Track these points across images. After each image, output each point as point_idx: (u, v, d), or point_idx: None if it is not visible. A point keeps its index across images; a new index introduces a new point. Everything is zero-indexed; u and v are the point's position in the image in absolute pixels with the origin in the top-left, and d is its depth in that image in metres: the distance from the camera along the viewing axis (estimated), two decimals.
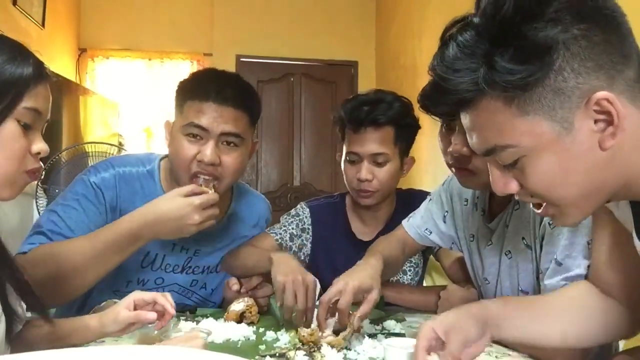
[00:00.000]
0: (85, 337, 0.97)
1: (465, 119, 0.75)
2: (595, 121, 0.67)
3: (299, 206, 1.63)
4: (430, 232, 1.37)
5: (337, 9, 5.12)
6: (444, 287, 1.39)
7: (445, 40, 0.72)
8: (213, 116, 1.24)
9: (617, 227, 0.85)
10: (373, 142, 1.48)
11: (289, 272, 1.17)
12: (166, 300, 0.96)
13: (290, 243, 1.57)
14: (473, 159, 1.08)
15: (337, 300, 1.08)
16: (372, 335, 1.12)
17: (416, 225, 1.40)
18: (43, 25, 3.93)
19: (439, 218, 1.36)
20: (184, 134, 1.25)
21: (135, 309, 0.95)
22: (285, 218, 1.60)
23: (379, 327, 1.20)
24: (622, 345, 1.19)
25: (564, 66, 0.66)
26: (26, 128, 0.83)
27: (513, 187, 0.75)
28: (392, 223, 1.60)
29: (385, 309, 1.38)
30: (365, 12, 5.20)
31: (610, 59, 0.66)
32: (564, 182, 0.70)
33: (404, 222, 1.43)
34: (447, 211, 1.35)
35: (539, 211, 0.77)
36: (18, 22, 3.60)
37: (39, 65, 0.85)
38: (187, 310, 1.33)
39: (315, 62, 5.11)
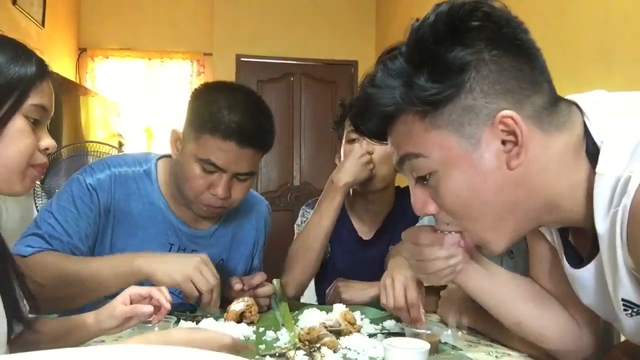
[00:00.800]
0: (83, 334, 0.97)
1: (389, 139, 0.81)
2: (503, 142, 0.72)
3: (302, 211, 1.64)
4: None
5: (337, 9, 5.12)
6: (444, 287, 1.38)
7: (377, 64, 0.80)
8: (232, 157, 1.20)
9: (548, 246, 0.90)
10: None
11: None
12: (161, 294, 0.97)
13: None
14: None
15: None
16: (372, 335, 1.12)
17: None
18: (43, 25, 3.93)
19: None
20: (198, 164, 1.22)
21: (131, 303, 0.95)
22: (299, 224, 1.61)
23: (379, 327, 1.20)
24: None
25: (474, 87, 0.71)
26: (35, 124, 0.86)
27: (431, 208, 0.80)
28: (391, 220, 1.59)
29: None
30: (365, 12, 5.20)
31: (519, 85, 0.72)
32: (476, 202, 0.75)
33: None
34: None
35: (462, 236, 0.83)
36: (18, 22, 3.60)
37: (41, 63, 0.87)
38: (187, 310, 1.33)
39: (315, 62, 5.10)
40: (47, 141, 0.89)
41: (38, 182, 2.87)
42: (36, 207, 2.90)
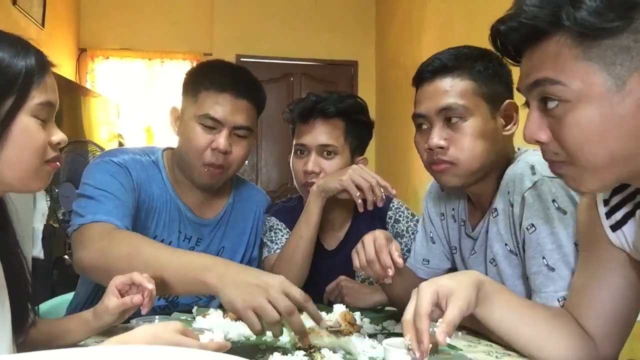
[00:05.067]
0: (86, 330, 0.99)
1: (527, 59, 0.77)
2: None
3: (266, 220, 1.53)
4: (428, 261, 1.31)
5: (337, 9, 5.13)
6: None
7: None
8: (229, 109, 1.30)
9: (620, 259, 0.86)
10: (322, 133, 1.44)
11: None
12: (143, 278, 0.97)
13: None
14: (449, 149, 1.07)
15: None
16: (372, 335, 1.12)
17: (414, 261, 1.33)
18: (43, 25, 3.94)
19: (428, 241, 1.31)
20: (198, 123, 1.30)
21: (121, 293, 0.98)
22: (268, 235, 1.50)
23: (379, 327, 1.20)
24: None
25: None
26: (44, 121, 0.85)
27: (543, 136, 0.76)
28: (355, 228, 1.50)
29: (385, 309, 1.38)
30: (365, 12, 5.20)
31: None
32: (598, 142, 0.71)
33: (407, 263, 1.35)
34: (431, 231, 1.31)
35: (553, 164, 0.78)
36: (18, 22, 3.60)
37: (40, 57, 0.85)
38: (187, 310, 1.33)
39: (315, 62, 5.11)
40: (58, 135, 0.87)
41: None
42: (35, 208, 2.90)
